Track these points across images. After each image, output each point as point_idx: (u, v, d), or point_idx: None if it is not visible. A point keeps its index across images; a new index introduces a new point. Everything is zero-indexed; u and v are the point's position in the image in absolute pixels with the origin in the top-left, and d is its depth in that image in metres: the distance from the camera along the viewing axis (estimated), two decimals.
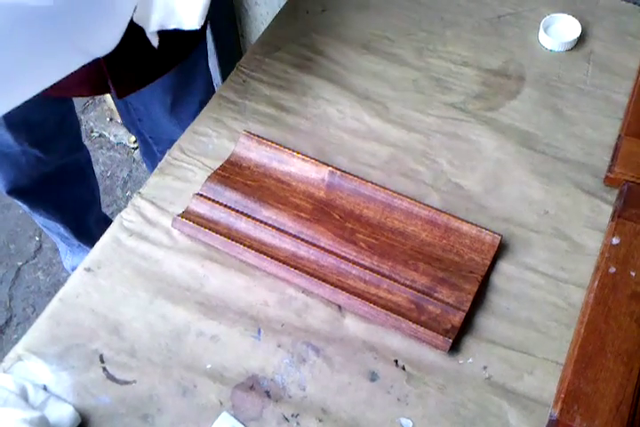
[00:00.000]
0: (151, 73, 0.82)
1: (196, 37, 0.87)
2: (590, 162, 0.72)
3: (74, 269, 1.14)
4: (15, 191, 1.08)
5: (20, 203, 1.12)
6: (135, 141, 1.71)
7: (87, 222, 1.28)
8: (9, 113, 0.85)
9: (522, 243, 0.67)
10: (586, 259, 0.65)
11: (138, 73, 0.80)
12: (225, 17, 1.52)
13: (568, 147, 0.73)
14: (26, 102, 0.57)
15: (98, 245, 0.67)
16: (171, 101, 0.94)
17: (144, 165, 1.68)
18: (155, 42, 0.65)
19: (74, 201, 1.21)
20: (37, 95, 0.56)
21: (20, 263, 1.58)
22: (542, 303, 0.63)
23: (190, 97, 0.96)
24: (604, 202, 0.68)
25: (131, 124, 1.13)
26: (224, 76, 1.64)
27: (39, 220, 1.22)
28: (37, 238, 1.60)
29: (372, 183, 0.70)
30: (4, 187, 1.07)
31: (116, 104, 1.11)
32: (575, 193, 0.69)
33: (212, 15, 1.47)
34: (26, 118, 0.91)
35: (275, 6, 1.05)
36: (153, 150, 1.15)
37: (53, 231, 1.29)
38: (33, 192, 1.09)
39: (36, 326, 0.63)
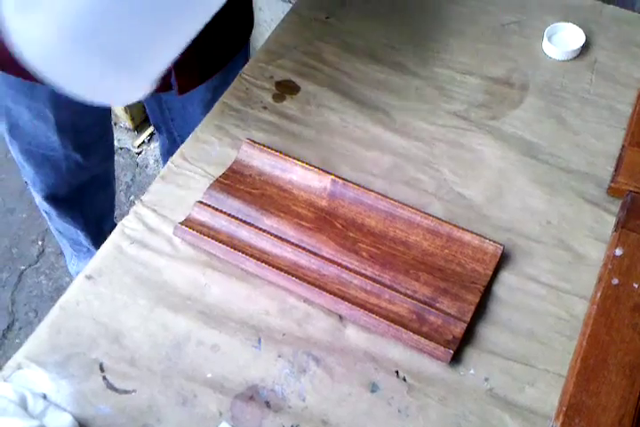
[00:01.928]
0: (211, 68, 0.84)
1: (247, 31, 0.89)
2: (593, 172, 0.71)
3: (78, 273, 1.15)
4: (51, 197, 1.08)
5: (50, 208, 1.12)
6: (139, 145, 1.71)
7: (104, 229, 1.28)
8: (60, 116, 0.88)
9: (524, 253, 0.66)
10: (588, 270, 0.65)
11: (201, 68, 0.82)
12: None
13: (571, 156, 0.73)
14: (76, 105, 0.58)
15: (99, 252, 0.67)
16: (209, 100, 0.94)
17: (147, 169, 1.69)
18: None
19: (99, 208, 1.22)
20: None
21: (22, 267, 1.58)
22: (544, 314, 0.62)
23: None
24: (607, 212, 0.68)
25: (162, 122, 1.14)
26: None
27: (57, 225, 1.22)
28: (40, 243, 1.61)
29: (375, 192, 0.69)
30: (42, 192, 1.07)
31: (146, 103, 1.12)
32: (578, 203, 0.69)
33: None
34: (74, 122, 0.92)
35: (279, 13, 1.05)
36: (174, 143, 1.15)
37: (66, 236, 1.29)
38: (67, 199, 1.10)
39: (37, 334, 0.63)
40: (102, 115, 1.00)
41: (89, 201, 1.14)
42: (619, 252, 0.62)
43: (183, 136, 1.10)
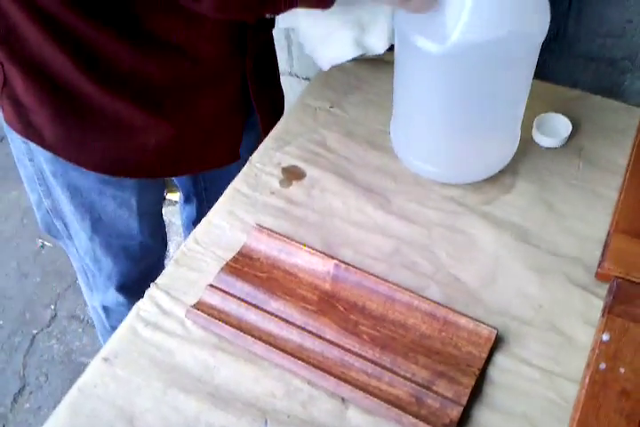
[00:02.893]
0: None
1: (281, 110, 1.01)
2: (582, 256, 0.75)
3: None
4: (123, 287, 1.10)
5: (121, 298, 1.13)
6: None
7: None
8: (142, 201, 0.96)
9: (517, 336, 0.70)
10: (579, 353, 0.68)
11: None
12: None
13: (561, 241, 0.77)
14: (156, 188, 0.65)
15: (115, 334, 0.71)
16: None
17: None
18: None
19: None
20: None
21: (34, 331, 1.61)
22: (537, 397, 0.65)
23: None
24: (595, 296, 0.72)
25: (194, 193, 1.21)
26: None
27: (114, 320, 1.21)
28: (52, 307, 1.65)
29: (375, 276, 0.74)
30: (116, 282, 1.09)
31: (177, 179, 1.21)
32: (568, 287, 0.73)
33: None
34: (151, 205, 1.00)
35: (289, 96, 1.12)
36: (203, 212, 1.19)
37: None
38: (137, 286, 1.14)
39: (55, 416, 0.66)
40: (162, 195, 1.09)
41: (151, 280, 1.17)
42: (605, 337, 0.66)
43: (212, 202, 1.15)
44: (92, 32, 0.71)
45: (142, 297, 0.74)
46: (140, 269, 1.08)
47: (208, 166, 0.99)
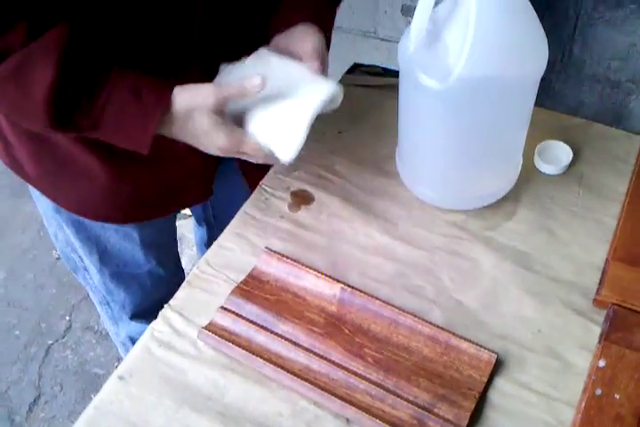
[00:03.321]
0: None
1: None
2: (581, 282, 0.78)
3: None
4: (137, 315, 1.14)
5: (138, 324, 1.17)
6: None
7: None
8: (143, 234, 0.98)
9: (517, 360, 0.72)
10: (576, 378, 0.70)
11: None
12: None
13: (560, 267, 0.80)
14: (157, 224, 0.68)
15: (130, 354, 0.75)
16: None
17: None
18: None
19: None
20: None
21: (50, 342, 1.65)
22: (535, 421, 0.68)
23: None
24: (592, 323, 0.74)
25: (203, 219, 1.23)
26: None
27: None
28: (68, 318, 1.68)
29: (380, 300, 0.76)
30: (130, 312, 1.13)
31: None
32: (566, 313, 0.75)
33: None
34: (155, 238, 1.01)
35: None
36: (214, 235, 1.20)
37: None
38: (151, 313, 1.17)
39: None
40: (174, 230, 1.10)
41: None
42: (602, 363, 0.68)
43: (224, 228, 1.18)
44: None
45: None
46: (152, 297, 1.10)
47: (182, 207, 1.02)
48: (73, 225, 0.95)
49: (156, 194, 0.90)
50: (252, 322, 0.76)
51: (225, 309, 0.77)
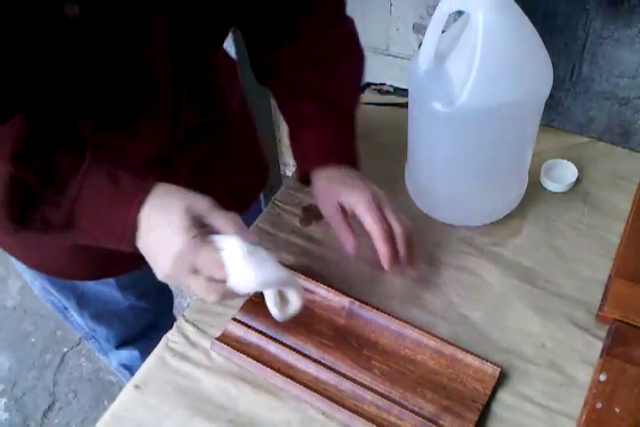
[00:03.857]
0: None
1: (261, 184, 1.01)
2: (585, 298, 0.80)
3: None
4: (124, 344, 1.16)
5: (135, 352, 1.19)
6: None
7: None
8: (119, 279, 0.96)
9: (520, 374, 0.74)
10: (578, 392, 0.72)
11: None
12: (265, 121, 1.68)
13: (565, 283, 0.82)
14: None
15: (145, 363, 0.77)
16: None
17: None
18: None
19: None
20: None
21: (65, 349, 1.68)
22: None
23: None
24: (595, 338, 0.76)
25: None
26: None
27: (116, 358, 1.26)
28: None
29: (387, 313, 0.79)
30: (115, 344, 1.15)
31: None
32: (569, 328, 0.77)
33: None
34: (133, 281, 1.00)
35: None
36: None
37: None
38: (139, 340, 1.18)
39: None
40: None
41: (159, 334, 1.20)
42: (603, 377, 0.70)
43: None
44: None
45: (155, 346, 0.79)
46: (136, 327, 1.12)
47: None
48: (46, 277, 0.94)
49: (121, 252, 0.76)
50: (262, 333, 0.78)
51: (237, 320, 0.79)
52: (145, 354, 1.17)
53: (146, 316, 1.13)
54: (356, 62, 0.84)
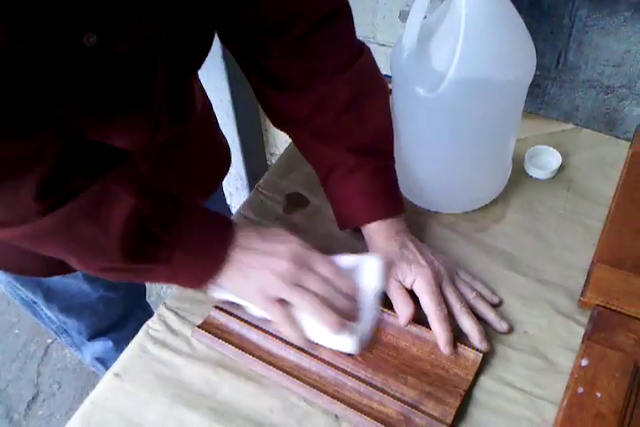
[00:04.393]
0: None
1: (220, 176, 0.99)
2: (566, 284, 0.80)
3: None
4: (97, 335, 1.15)
5: (109, 343, 1.18)
6: None
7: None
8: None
9: (502, 359, 0.74)
10: (559, 377, 0.72)
11: None
12: (249, 110, 1.67)
13: (547, 269, 0.81)
14: None
15: (126, 351, 0.77)
16: None
17: None
18: None
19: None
20: None
21: (49, 341, 1.67)
22: (519, 418, 0.69)
23: None
24: (577, 324, 0.76)
25: None
26: (247, 168, 1.78)
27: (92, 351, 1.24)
28: None
29: None
30: (87, 335, 1.14)
31: None
32: (551, 315, 0.77)
33: (238, 108, 1.61)
34: None
35: None
36: None
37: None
38: (112, 330, 1.16)
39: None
40: None
41: (132, 322, 1.17)
42: (584, 362, 0.70)
43: None
44: None
45: (129, 335, 0.78)
46: (108, 318, 1.11)
47: None
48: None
49: None
50: (244, 321, 0.77)
51: (219, 308, 0.79)
52: (119, 344, 1.17)
53: (116, 306, 1.11)
54: (383, 99, 0.79)
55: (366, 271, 0.70)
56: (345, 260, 0.71)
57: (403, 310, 0.75)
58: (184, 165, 0.86)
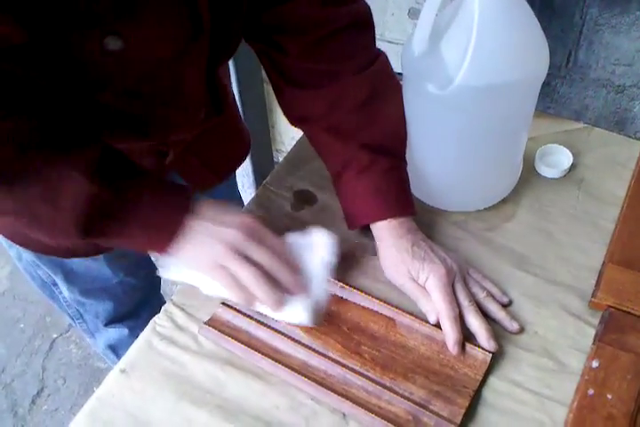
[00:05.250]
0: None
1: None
2: (577, 285, 0.79)
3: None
4: (113, 321, 1.15)
5: (125, 330, 1.19)
6: None
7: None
8: (107, 254, 0.96)
9: (512, 360, 0.73)
10: (570, 378, 0.71)
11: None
12: (257, 106, 1.66)
13: (557, 270, 0.81)
14: None
15: (132, 347, 0.76)
16: None
17: None
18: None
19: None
20: None
21: (55, 336, 1.67)
22: (528, 419, 0.69)
23: None
24: (588, 325, 0.75)
25: None
26: (254, 165, 1.78)
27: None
28: None
29: (378, 299, 0.78)
30: (104, 321, 1.14)
31: None
32: (562, 315, 0.76)
33: (245, 105, 1.61)
34: (121, 255, 1.00)
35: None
36: None
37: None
38: (128, 318, 1.17)
39: (75, 423, 0.70)
40: None
41: (148, 311, 1.18)
42: (595, 364, 0.69)
43: None
44: None
45: (144, 324, 0.78)
46: (126, 304, 1.11)
47: None
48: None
49: None
50: (251, 318, 0.77)
51: (226, 305, 0.78)
52: (134, 333, 1.18)
53: (135, 293, 1.11)
54: (398, 103, 0.80)
55: (316, 245, 0.72)
56: (296, 236, 0.74)
57: (429, 308, 0.74)
58: (206, 151, 0.87)
